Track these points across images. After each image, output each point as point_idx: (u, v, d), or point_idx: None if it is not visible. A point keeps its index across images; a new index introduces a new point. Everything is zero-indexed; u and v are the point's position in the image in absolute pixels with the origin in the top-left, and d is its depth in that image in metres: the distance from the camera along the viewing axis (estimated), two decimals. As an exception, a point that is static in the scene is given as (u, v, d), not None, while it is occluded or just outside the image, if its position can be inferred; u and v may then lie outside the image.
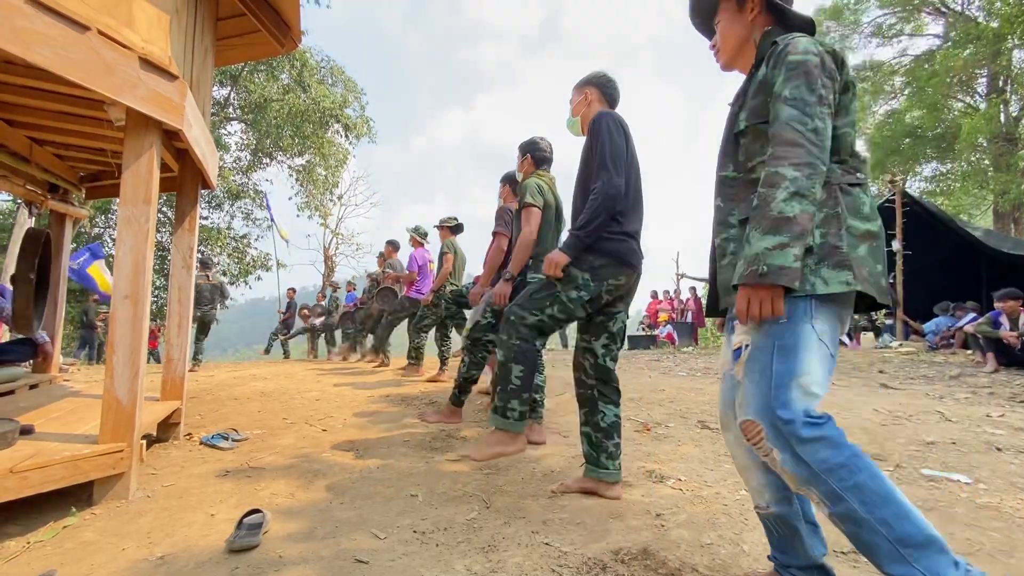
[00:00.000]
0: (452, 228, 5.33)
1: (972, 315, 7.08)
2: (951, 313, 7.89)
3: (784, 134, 1.14)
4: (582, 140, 2.20)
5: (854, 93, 1.25)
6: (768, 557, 1.39)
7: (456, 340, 5.47)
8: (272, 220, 12.23)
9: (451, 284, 5.09)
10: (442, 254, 5.14)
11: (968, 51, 12.59)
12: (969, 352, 6.45)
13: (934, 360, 6.38)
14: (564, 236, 3.00)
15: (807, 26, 1.31)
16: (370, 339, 7.71)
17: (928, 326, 8.34)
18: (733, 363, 1.28)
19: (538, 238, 2.88)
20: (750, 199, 1.25)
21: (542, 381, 3.06)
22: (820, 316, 1.16)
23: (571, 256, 1.94)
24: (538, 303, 1.99)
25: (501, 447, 1.97)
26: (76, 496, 2.00)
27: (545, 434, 2.89)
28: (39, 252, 3.35)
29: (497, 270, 3.82)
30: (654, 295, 13.92)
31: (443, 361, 5.40)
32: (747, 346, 1.21)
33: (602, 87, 2.25)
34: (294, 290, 11.54)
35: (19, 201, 7.94)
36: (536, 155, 3.07)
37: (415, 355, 5.54)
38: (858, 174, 1.23)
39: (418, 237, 6.22)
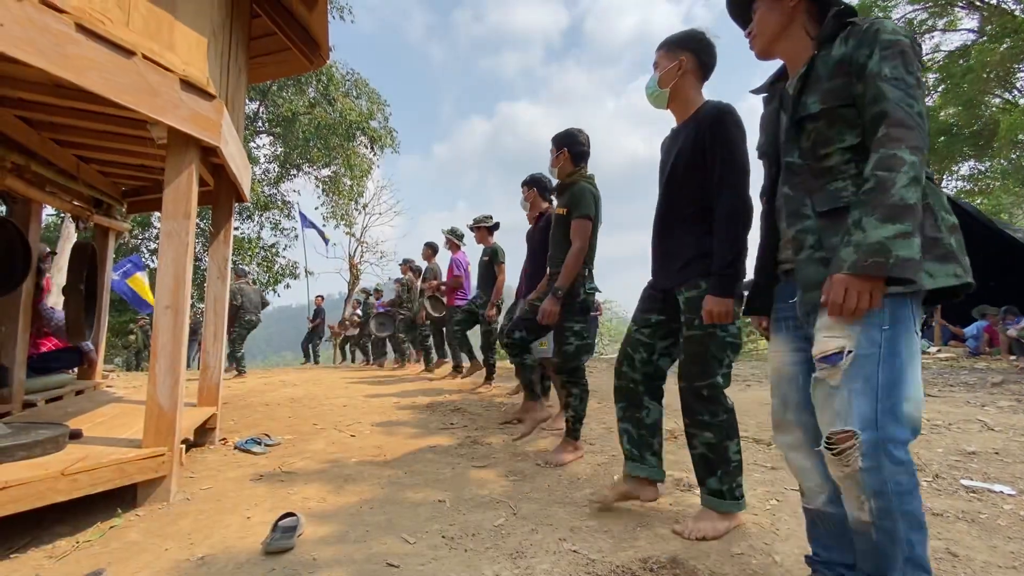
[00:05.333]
0: (491, 228, 4.90)
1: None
2: (990, 317, 7.59)
3: (896, 115, 1.06)
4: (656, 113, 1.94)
5: None
6: (806, 557, 1.37)
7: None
8: (315, 227, 13.00)
9: None
10: (495, 263, 4.76)
11: (1005, 45, 12.13)
12: (1013, 358, 6.19)
13: (975, 366, 6.14)
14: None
15: (849, 11, 1.24)
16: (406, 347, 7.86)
17: (969, 330, 8.04)
18: (824, 366, 1.13)
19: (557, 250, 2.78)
20: (827, 190, 1.20)
21: None
22: (917, 317, 1.10)
23: (734, 297, 1.68)
24: (718, 360, 1.77)
25: (725, 523, 1.75)
26: (121, 498, 2.09)
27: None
28: (87, 264, 3.52)
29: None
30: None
31: (484, 370, 5.25)
32: (849, 352, 1.10)
33: (699, 54, 1.83)
34: (322, 297, 11.81)
35: (63, 215, 8.32)
36: (574, 150, 2.73)
37: (491, 371, 5.17)
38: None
39: (455, 239, 5.76)
